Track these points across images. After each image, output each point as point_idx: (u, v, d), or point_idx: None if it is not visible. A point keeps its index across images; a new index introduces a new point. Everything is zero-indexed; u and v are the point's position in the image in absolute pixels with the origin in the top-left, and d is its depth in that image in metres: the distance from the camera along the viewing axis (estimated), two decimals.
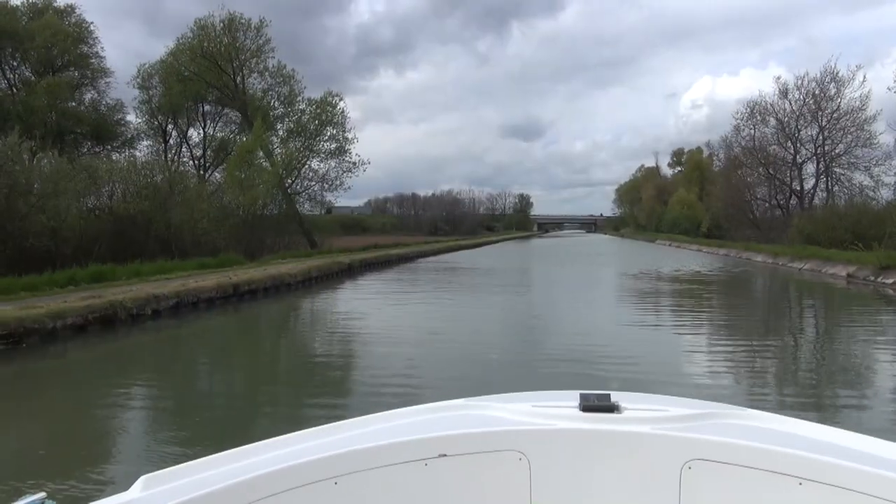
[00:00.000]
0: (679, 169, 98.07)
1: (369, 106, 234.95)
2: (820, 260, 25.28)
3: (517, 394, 2.02)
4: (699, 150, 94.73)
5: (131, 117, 40.80)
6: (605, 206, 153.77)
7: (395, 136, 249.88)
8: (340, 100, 41.81)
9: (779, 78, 43.88)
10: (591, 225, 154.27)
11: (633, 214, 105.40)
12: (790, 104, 43.64)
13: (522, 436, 1.68)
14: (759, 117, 45.03)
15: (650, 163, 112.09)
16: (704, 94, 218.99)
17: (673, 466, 1.59)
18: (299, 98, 42.34)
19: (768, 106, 44.60)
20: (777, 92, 43.98)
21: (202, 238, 30.96)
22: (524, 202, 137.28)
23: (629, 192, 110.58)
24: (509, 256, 43.33)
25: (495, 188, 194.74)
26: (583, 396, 1.80)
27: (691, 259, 36.74)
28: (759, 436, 1.63)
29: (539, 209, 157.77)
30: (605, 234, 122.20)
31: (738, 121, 46.09)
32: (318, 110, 41.31)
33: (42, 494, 1.28)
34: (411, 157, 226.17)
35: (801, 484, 1.47)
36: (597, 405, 1.76)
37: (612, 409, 1.76)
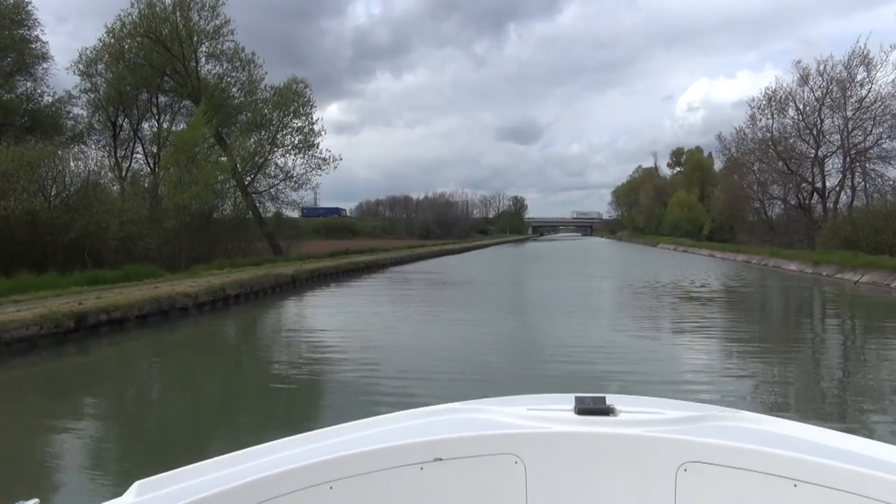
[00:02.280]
0: (678, 169, 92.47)
1: (366, 109, 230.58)
2: (884, 270, 19.41)
3: (512, 397, 1.94)
4: (699, 149, 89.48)
5: (80, 110, 35.22)
6: (600, 208, 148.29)
7: (392, 139, 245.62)
8: (306, 87, 36.16)
9: (798, 62, 38.10)
10: (588, 228, 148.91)
11: (631, 217, 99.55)
12: (811, 91, 37.90)
13: (518, 439, 1.63)
14: (776, 106, 39.21)
15: (647, 164, 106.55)
16: (701, 97, 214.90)
17: (669, 469, 1.55)
18: (261, 86, 36.67)
19: (787, 94, 38.86)
20: (796, 79, 38.25)
21: (135, 245, 25.57)
22: (518, 205, 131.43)
23: (626, 194, 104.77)
24: (497, 264, 37.39)
25: (491, 191, 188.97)
26: (578, 399, 1.75)
27: (708, 267, 30.56)
28: (755, 438, 1.59)
29: (535, 212, 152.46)
30: (602, 237, 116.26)
31: (754, 109, 40.21)
32: (281, 99, 35.65)
33: (35, 501, 1.26)
34: (407, 160, 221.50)
35: (796, 486, 1.44)
36: (592, 408, 1.72)
37: (607, 411, 1.71)
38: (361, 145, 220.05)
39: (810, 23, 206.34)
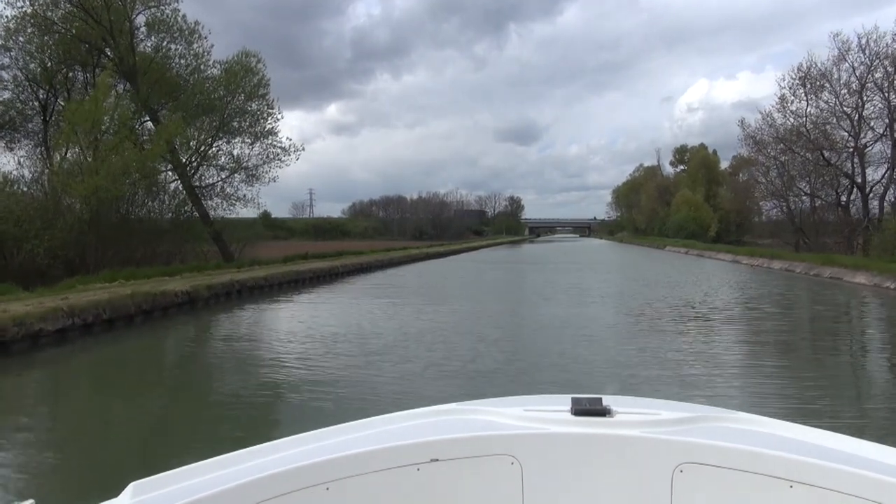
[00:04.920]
0: (682, 168, 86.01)
1: (365, 110, 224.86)
2: None
3: (509, 398, 1.89)
4: (703, 146, 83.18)
5: (9, 94, 29.02)
6: (599, 210, 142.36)
7: (391, 140, 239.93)
8: (258, 61, 29.90)
9: (836, 35, 31.69)
10: (586, 229, 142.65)
11: (632, 217, 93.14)
12: (852, 70, 31.50)
13: (514, 440, 1.60)
14: (810, 87, 32.81)
15: (648, 164, 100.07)
16: (700, 98, 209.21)
17: (664, 470, 1.52)
18: (209, 61, 30.39)
19: (821, 73, 32.42)
20: (834, 56, 31.78)
21: (20, 248, 19.63)
22: (515, 205, 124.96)
23: (627, 194, 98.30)
24: (481, 273, 30.88)
25: (489, 192, 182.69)
26: (575, 400, 1.71)
27: (747, 280, 23.56)
28: (750, 439, 1.55)
29: (532, 213, 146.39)
30: (601, 238, 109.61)
31: (785, 90, 33.72)
32: (230, 76, 29.43)
33: (31, 501, 1.22)
34: (406, 161, 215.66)
35: (791, 487, 1.42)
36: (589, 409, 1.67)
37: (603, 412, 1.66)
38: (360, 146, 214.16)
39: (810, 24, 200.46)
